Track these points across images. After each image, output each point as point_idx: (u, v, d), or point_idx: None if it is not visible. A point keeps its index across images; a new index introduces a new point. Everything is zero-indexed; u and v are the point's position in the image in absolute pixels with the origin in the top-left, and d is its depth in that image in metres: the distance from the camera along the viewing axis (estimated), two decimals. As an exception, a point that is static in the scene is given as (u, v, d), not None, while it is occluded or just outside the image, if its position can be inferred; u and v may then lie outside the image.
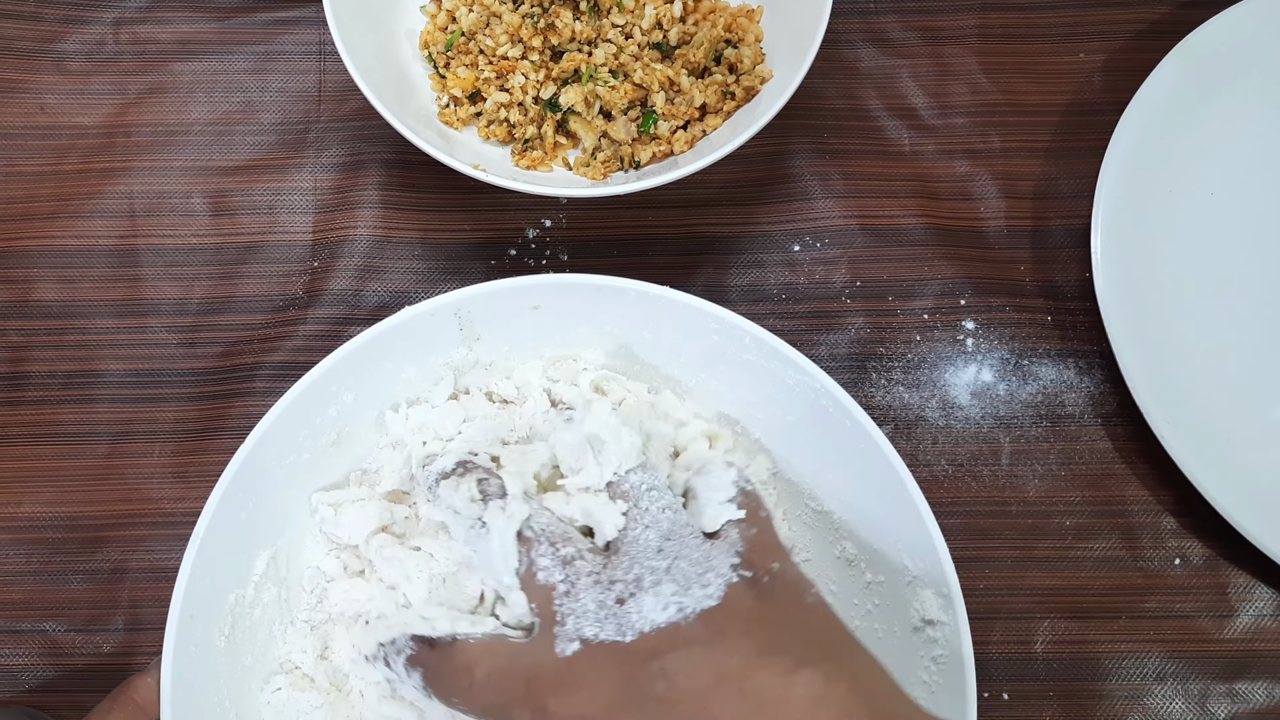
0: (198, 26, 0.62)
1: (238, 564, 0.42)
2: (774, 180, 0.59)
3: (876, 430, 0.41)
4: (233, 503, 0.40)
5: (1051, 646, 0.52)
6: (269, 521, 0.43)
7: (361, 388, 0.44)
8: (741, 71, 0.57)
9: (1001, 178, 0.59)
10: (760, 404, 0.45)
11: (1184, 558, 0.53)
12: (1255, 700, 0.51)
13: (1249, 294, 0.55)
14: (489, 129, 0.57)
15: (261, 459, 0.41)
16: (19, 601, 0.52)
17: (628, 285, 0.43)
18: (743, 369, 0.44)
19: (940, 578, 0.40)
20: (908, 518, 0.41)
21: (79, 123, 0.60)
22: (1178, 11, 0.62)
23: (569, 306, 0.45)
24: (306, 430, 0.43)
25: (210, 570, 0.40)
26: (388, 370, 0.44)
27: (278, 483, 0.42)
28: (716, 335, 0.43)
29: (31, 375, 0.56)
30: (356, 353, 0.42)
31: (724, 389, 0.46)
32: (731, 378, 0.45)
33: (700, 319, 0.43)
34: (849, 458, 0.43)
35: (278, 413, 0.41)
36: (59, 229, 0.58)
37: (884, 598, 0.43)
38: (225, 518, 0.40)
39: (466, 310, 0.44)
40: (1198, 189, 0.57)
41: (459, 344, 0.45)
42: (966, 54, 0.62)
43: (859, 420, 0.42)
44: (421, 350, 0.45)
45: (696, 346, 0.44)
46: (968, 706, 0.39)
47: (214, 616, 0.40)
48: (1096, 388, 0.56)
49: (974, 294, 0.57)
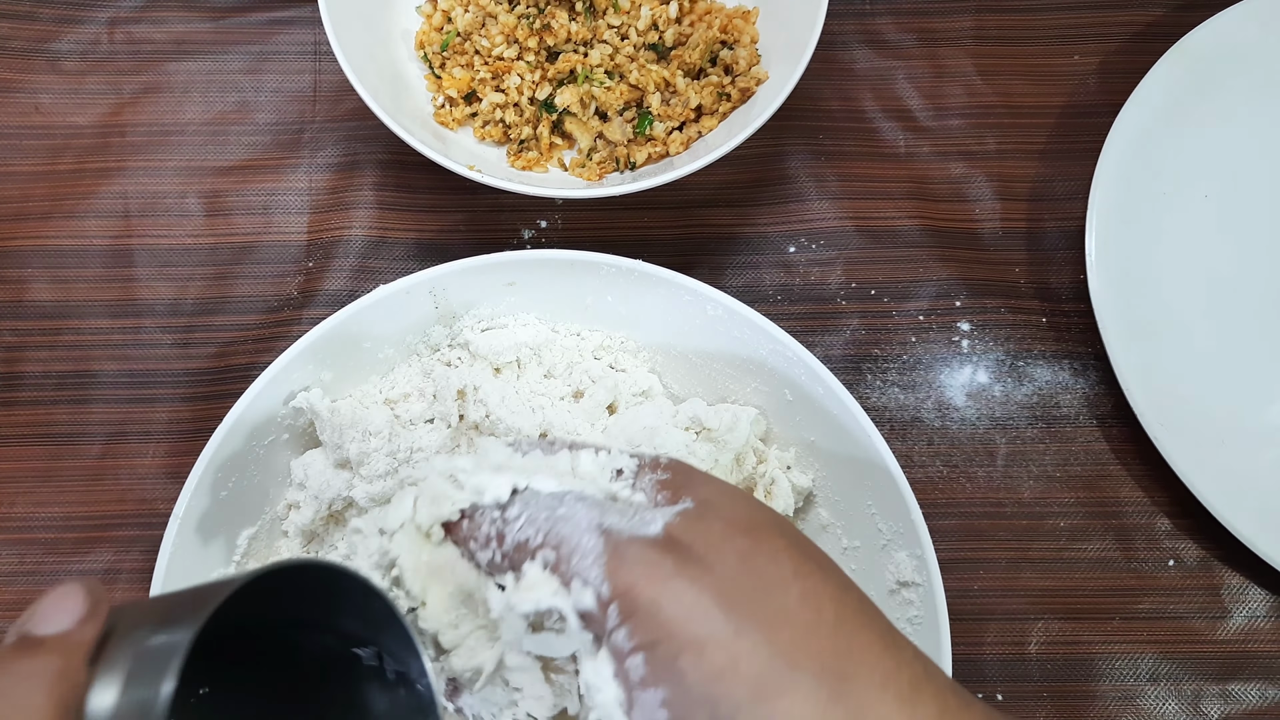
0: (192, 26, 0.62)
1: (221, 544, 0.43)
2: (769, 182, 0.59)
3: (843, 390, 0.43)
4: (212, 482, 0.42)
5: (1046, 647, 0.52)
6: (253, 501, 0.45)
7: (340, 365, 0.45)
8: (737, 73, 0.57)
9: (997, 179, 0.60)
10: (735, 373, 0.47)
11: (1178, 559, 0.53)
12: (1248, 701, 0.51)
13: (1243, 296, 0.55)
14: (484, 130, 0.57)
15: (241, 436, 0.43)
16: (11, 602, 0.52)
17: (601, 260, 0.45)
18: (715, 335, 0.46)
19: (914, 540, 0.42)
20: (880, 479, 0.43)
21: (74, 122, 0.60)
22: (1172, 14, 0.62)
23: (544, 283, 0.46)
24: (285, 410, 0.45)
25: (191, 550, 0.41)
26: (366, 349, 0.46)
27: (259, 460, 0.44)
28: (690, 305, 0.46)
29: (26, 375, 0.55)
30: (333, 331, 0.44)
31: (692, 347, 0.48)
32: (703, 345, 0.47)
33: (676, 291, 0.45)
34: (820, 420, 0.45)
35: (259, 388, 0.43)
36: (53, 229, 0.58)
37: (860, 562, 0.45)
38: (204, 496, 0.42)
39: (442, 288, 0.45)
40: (1192, 191, 0.57)
41: (435, 321, 0.47)
42: (962, 56, 0.62)
43: (821, 377, 0.44)
44: (399, 329, 0.47)
45: (674, 318, 0.47)
46: (943, 663, 0.40)
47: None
48: (1091, 389, 0.56)
49: (969, 295, 0.57)
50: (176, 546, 0.41)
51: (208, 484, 0.42)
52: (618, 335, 0.49)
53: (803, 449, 0.47)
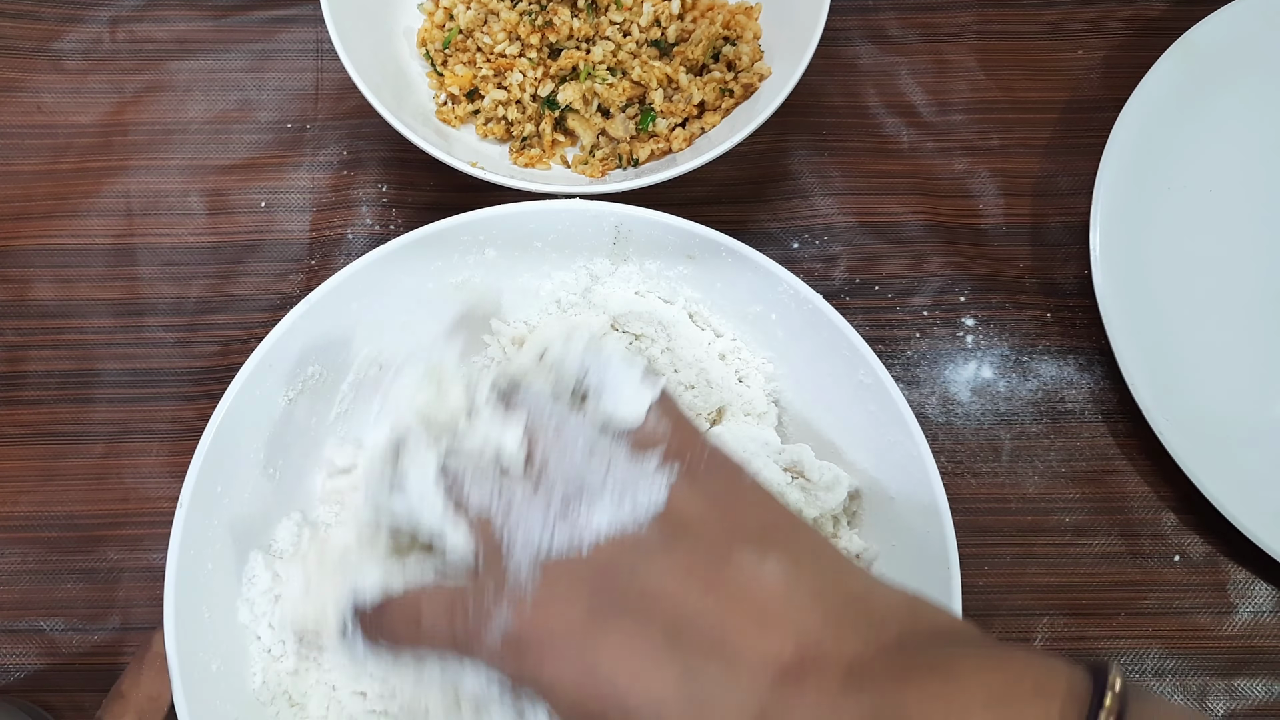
0: (195, 25, 0.62)
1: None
2: (773, 178, 0.59)
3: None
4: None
5: (1051, 643, 0.52)
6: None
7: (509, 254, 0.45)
8: (740, 69, 0.57)
9: (1000, 174, 0.59)
10: (849, 443, 0.45)
11: (1183, 554, 0.53)
12: (1254, 696, 0.51)
13: (1248, 290, 0.55)
14: (487, 127, 0.57)
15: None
16: (15, 601, 0.52)
17: (790, 280, 0.43)
18: (853, 400, 0.44)
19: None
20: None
21: (76, 121, 0.60)
22: (1177, 8, 0.62)
23: (721, 272, 0.45)
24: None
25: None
26: (536, 249, 0.46)
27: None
28: (847, 360, 0.44)
29: (28, 374, 0.55)
30: (505, 219, 0.44)
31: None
32: (834, 402, 0.46)
33: (837, 340, 0.43)
34: (913, 545, 0.42)
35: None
36: (56, 228, 0.58)
37: None
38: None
39: (628, 228, 0.45)
40: (1196, 185, 0.57)
41: (605, 255, 0.47)
42: (965, 51, 0.62)
43: (941, 516, 0.41)
44: (572, 246, 0.46)
45: (822, 365, 0.45)
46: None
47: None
48: (1096, 384, 0.56)
49: (973, 291, 0.57)
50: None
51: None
52: (760, 354, 0.47)
53: (883, 548, 0.45)
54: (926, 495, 0.41)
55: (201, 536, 0.41)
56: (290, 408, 0.44)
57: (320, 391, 0.45)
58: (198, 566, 0.40)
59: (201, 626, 0.40)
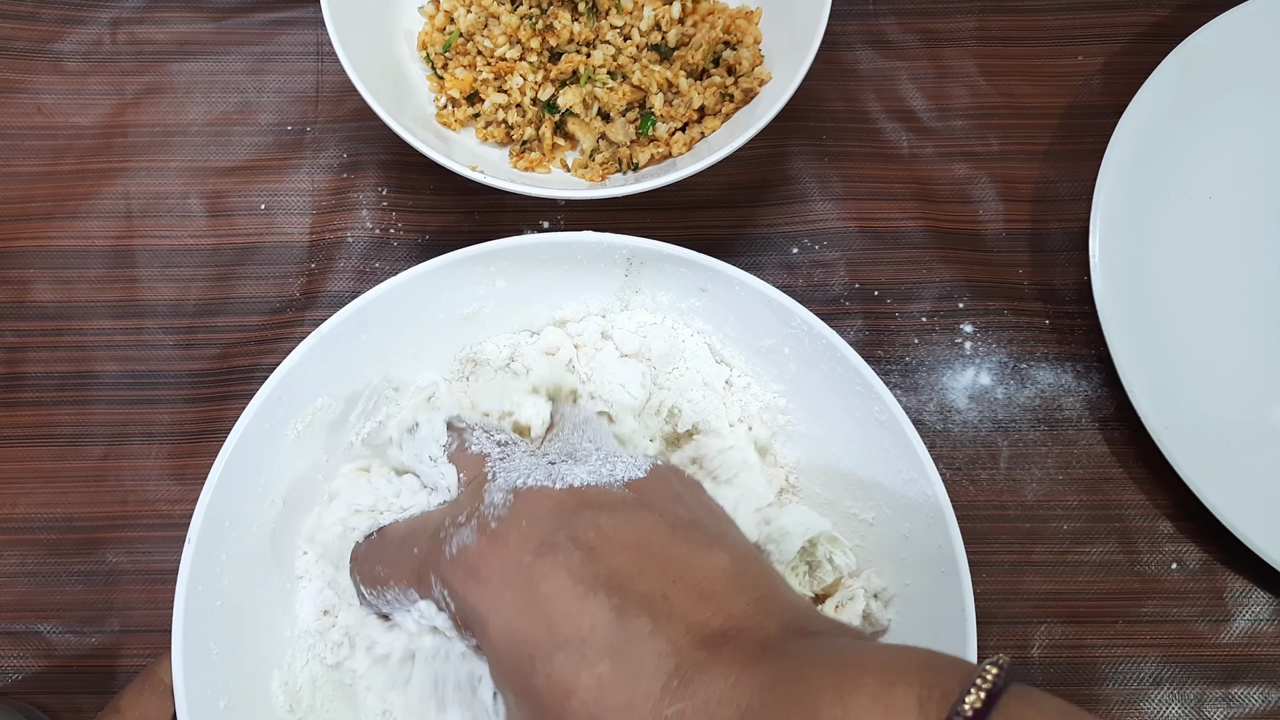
0: (195, 27, 0.62)
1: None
2: (772, 182, 0.59)
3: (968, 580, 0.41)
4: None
5: (1048, 651, 0.52)
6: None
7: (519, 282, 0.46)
8: (740, 73, 0.57)
9: (1000, 180, 0.59)
10: (858, 486, 0.45)
11: (1181, 562, 0.53)
12: (1251, 705, 0.51)
13: (1247, 298, 0.55)
14: (487, 130, 0.57)
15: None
16: (13, 603, 0.52)
17: (807, 318, 0.43)
18: (864, 437, 0.44)
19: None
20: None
21: (76, 123, 0.60)
22: (1177, 14, 0.62)
23: (733, 303, 0.45)
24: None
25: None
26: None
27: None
28: (861, 397, 0.43)
29: (27, 376, 0.55)
30: (522, 250, 0.45)
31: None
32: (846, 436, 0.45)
33: (851, 375, 0.43)
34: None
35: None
36: (55, 230, 0.58)
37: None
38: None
39: (640, 261, 0.46)
40: (1196, 192, 0.57)
41: (615, 288, 0.47)
42: (965, 57, 0.62)
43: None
44: (586, 280, 0.47)
45: (834, 397, 0.45)
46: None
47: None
48: (1094, 391, 0.56)
49: (972, 297, 0.57)
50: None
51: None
52: (772, 388, 0.47)
53: (897, 587, 0.44)
54: (941, 536, 0.41)
55: (209, 572, 0.40)
56: (299, 440, 0.43)
57: (329, 423, 0.44)
58: (205, 603, 0.39)
59: (210, 662, 0.39)
